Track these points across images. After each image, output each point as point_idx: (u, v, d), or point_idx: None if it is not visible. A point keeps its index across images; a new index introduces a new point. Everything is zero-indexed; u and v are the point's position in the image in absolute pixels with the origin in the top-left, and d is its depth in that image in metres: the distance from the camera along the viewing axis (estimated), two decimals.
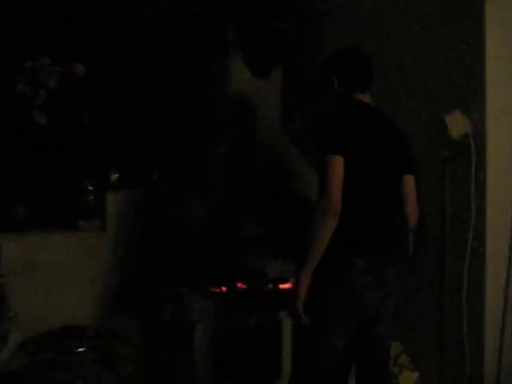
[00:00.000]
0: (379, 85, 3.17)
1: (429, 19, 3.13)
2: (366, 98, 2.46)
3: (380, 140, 2.36)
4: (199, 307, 2.91)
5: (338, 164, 2.20)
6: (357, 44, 3.45)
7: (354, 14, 3.51)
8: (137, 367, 2.86)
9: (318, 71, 3.40)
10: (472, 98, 2.94)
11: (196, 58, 3.26)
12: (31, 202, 3.14)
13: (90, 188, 3.28)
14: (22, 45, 3.16)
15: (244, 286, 3.13)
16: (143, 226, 3.27)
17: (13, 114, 3.11)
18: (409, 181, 2.45)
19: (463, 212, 2.97)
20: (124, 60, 3.34)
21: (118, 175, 3.38)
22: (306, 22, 3.29)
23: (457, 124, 2.85)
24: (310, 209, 2.22)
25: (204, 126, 3.28)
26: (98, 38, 3.34)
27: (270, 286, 3.16)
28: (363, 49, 2.65)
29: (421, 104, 3.17)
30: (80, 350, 2.72)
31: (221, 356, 2.98)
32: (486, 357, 2.89)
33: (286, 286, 3.19)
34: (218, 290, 3.06)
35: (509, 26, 2.99)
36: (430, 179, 3.09)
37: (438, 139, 3.05)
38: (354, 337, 2.35)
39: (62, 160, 3.23)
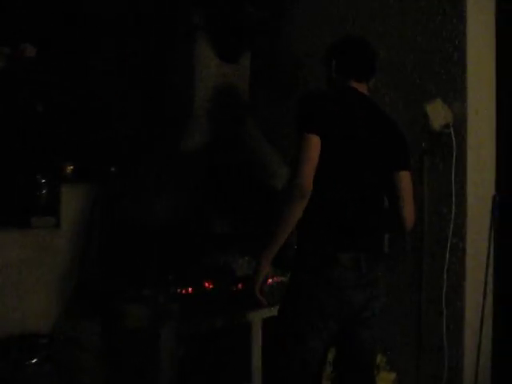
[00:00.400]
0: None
1: (409, 6, 2.98)
2: (361, 87, 2.29)
3: (370, 130, 2.19)
4: (164, 310, 2.69)
5: (312, 143, 2.04)
6: (331, 30, 3.31)
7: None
8: (98, 376, 2.62)
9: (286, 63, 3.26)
10: (452, 87, 2.81)
11: (159, 41, 3.02)
12: None
13: (43, 181, 3.01)
14: None
15: (211, 286, 2.93)
16: (102, 223, 3.02)
17: None
18: (404, 177, 2.27)
19: (442, 206, 2.85)
20: (81, 43, 3.07)
21: (72, 167, 3.12)
22: (279, 7, 3.09)
23: (438, 114, 2.72)
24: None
25: (167, 115, 3.05)
26: (53, 17, 3.06)
27: (240, 285, 2.97)
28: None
29: (398, 93, 3.02)
30: (33, 361, 2.45)
31: (187, 360, 2.78)
32: (465, 357, 2.79)
33: None
34: (184, 291, 2.85)
35: (488, 14, 2.88)
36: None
37: (415, 130, 2.91)
38: (335, 339, 2.20)
39: (10, 150, 2.95)
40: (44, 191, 3.00)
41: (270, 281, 3.08)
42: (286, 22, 3.15)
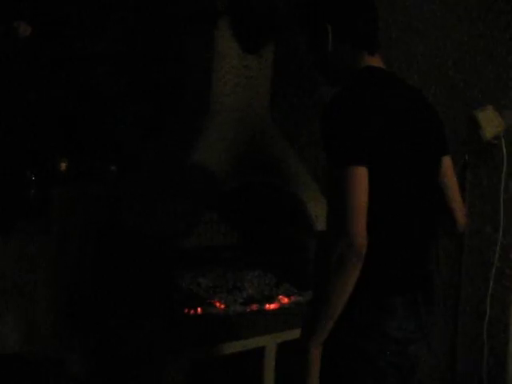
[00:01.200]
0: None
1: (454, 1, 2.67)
2: (377, 62, 1.65)
3: (416, 129, 1.61)
4: (171, 334, 2.33)
5: (361, 180, 1.44)
6: None
7: None
8: None
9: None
10: (503, 93, 2.51)
11: (172, 25, 2.67)
12: None
13: (32, 179, 2.63)
14: None
15: (223, 306, 2.58)
16: (99, 229, 2.65)
17: None
18: (448, 167, 1.75)
19: (485, 226, 2.54)
20: (82, 25, 2.70)
21: (66, 164, 2.74)
22: None
23: (490, 122, 2.41)
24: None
25: (179, 109, 2.69)
26: None
27: (255, 306, 2.62)
28: None
29: (438, 98, 2.70)
30: None
31: None
32: None
33: (273, 306, 2.67)
34: (193, 312, 2.49)
35: None
36: None
37: (457, 140, 2.60)
38: None
39: None
40: (33, 191, 2.63)
41: (285, 300, 2.77)
42: None
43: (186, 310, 2.48)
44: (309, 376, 1.48)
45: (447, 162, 1.76)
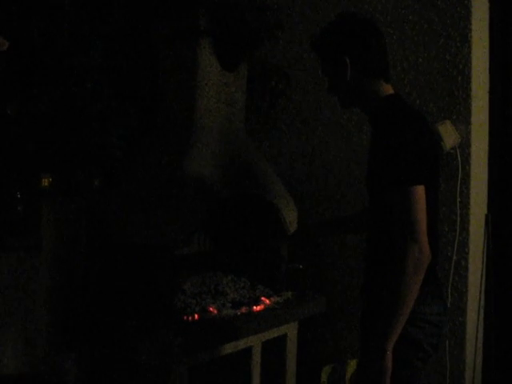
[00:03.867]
0: None
1: (411, 27, 3.00)
2: (392, 89, 1.90)
3: (433, 147, 1.93)
4: (177, 343, 2.44)
5: (422, 197, 1.71)
6: None
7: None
8: None
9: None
10: (456, 109, 2.87)
11: (155, 43, 2.75)
12: None
13: (18, 196, 2.60)
14: None
15: (215, 311, 2.72)
16: (89, 243, 2.68)
17: None
18: None
19: (443, 226, 2.90)
20: (62, 39, 2.70)
21: (50, 179, 2.73)
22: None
23: (449, 134, 2.76)
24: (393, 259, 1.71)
25: (162, 125, 2.78)
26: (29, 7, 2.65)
27: (244, 309, 2.79)
28: None
29: None
30: None
31: None
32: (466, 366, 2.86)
33: (260, 307, 2.85)
34: (191, 319, 2.61)
35: (486, 41, 2.99)
36: None
37: None
38: None
39: None
40: (20, 207, 2.60)
41: (268, 302, 2.96)
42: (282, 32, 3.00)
43: (185, 317, 2.60)
44: (384, 375, 1.68)
45: None
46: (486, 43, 2.96)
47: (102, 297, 2.60)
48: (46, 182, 2.72)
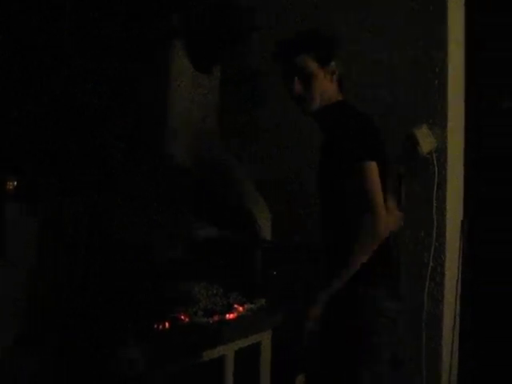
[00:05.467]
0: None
1: (387, 32, 2.96)
2: (341, 96, 2.09)
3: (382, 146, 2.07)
4: (146, 350, 2.35)
5: (378, 173, 1.90)
6: None
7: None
8: None
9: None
10: (432, 114, 2.84)
11: (129, 45, 2.67)
12: None
13: None
14: None
15: (187, 319, 2.64)
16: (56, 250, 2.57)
17: None
18: None
19: (420, 231, 2.87)
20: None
21: (15, 182, 2.62)
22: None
23: (426, 139, 2.73)
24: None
25: (138, 125, 2.70)
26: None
27: (216, 317, 2.71)
28: None
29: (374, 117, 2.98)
30: None
31: None
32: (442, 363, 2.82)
33: (232, 315, 2.78)
34: (161, 327, 2.52)
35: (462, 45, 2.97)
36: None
37: (392, 155, 2.90)
38: None
39: None
40: None
41: (241, 309, 2.89)
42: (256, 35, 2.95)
43: (156, 325, 2.51)
44: (310, 317, 1.89)
45: None
46: (462, 47, 2.95)
47: (74, 301, 2.50)
48: (10, 186, 2.61)
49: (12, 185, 2.62)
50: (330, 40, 2.07)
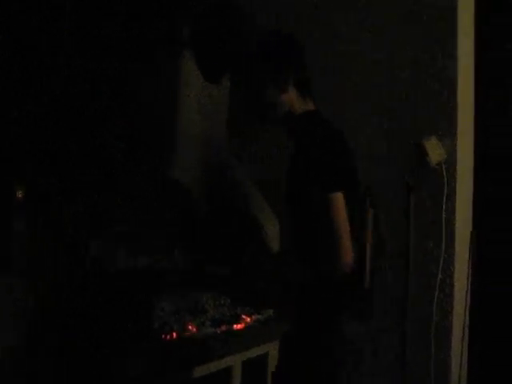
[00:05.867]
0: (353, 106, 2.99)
1: (394, 40, 2.96)
2: (312, 105, 2.00)
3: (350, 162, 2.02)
4: (154, 362, 2.34)
5: (343, 204, 1.83)
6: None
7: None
8: None
9: None
10: (441, 124, 2.83)
11: (135, 55, 2.67)
12: None
13: None
14: None
15: (195, 329, 2.63)
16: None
17: None
18: None
19: (428, 242, 2.85)
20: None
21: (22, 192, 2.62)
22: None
23: (435, 150, 2.72)
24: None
25: (144, 139, 2.70)
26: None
27: (224, 327, 2.70)
28: None
29: (382, 126, 2.98)
30: None
31: None
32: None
33: (240, 326, 2.77)
34: (169, 337, 2.52)
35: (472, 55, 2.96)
36: (393, 208, 2.91)
37: (399, 166, 2.90)
38: None
39: None
40: None
41: (248, 320, 2.88)
42: None
43: (163, 336, 2.51)
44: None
45: None
46: (472, 57, 2.93)
47: (74, 301, 2.49)
48: (18, 195, 2.62)
49: (20, 193, 2.63)
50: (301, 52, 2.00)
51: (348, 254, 1.79)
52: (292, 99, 1.94)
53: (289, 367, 2.04)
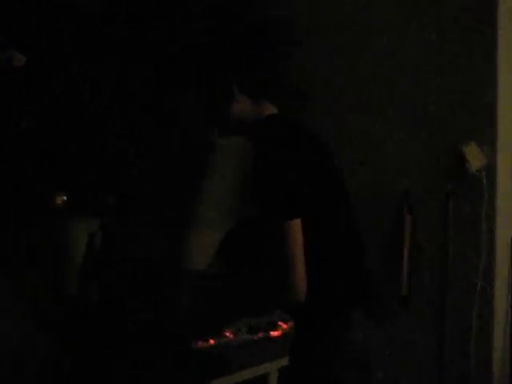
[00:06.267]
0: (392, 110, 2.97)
1: (429, 45, 2.93)
2: (274, 109, 1.81)
3: (326, 171, 1.83)
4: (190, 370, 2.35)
5: (299, 231, 1.65)
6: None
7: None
8: None
9: None
10: (481, 130, 2.79)
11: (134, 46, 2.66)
12: None
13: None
14: None
15: (232, 336, 2.63)
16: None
17: None
18: None
19: (468, 250, 2.80)
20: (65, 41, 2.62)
21: (64, 198, 2.66)
22: None
23: (475, 156, 2.68)
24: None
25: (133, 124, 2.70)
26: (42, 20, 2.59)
27: (261, 334, 2.69)
28: None
29: (416, 132, 2.94)
30: None
31: None
32: None
33: (277, 333, 2.76)
34: (205, 344, 2.52)
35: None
36: (431, 214, 2.88)
37: (439, 171, 2.86)
38: None
39: None
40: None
41: (285, 326, 2.86)
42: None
43: (200, 343, 2.51)
44: None
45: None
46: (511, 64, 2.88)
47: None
48: (59, 201, 2.65)
49: (61, 199, 2.66)
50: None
51: (300, 282, 1.66)
52: (242, 107, 1.77)
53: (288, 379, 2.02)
